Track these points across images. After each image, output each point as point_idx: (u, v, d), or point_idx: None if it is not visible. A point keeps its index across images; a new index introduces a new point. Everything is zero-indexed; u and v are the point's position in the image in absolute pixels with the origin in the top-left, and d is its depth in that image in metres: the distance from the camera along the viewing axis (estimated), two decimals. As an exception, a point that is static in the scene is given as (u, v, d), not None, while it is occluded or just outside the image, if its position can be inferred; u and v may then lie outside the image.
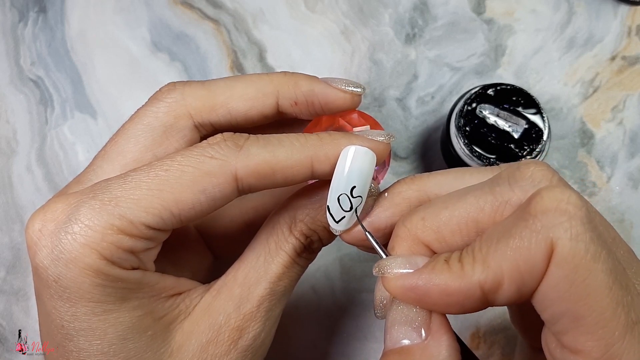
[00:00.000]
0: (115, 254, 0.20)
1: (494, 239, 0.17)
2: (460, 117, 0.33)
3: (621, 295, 0.16)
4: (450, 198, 0.20)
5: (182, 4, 0.42)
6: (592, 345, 0.16)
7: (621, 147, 0.39)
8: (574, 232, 0.16)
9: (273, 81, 0.24)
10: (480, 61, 0.40)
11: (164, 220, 0.21)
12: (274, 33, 0.41)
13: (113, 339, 0.21)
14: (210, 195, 0.21)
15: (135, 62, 0.41)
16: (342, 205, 0.21)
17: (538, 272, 0.16)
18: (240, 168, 0.21)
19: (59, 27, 0.42)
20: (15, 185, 0.39)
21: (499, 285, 0.17)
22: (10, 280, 0.38)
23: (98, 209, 0.20)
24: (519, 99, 0.34)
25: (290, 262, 0.24)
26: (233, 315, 0.23)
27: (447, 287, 0.18)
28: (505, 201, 0.18)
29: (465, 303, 0.18)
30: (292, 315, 0.37)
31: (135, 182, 0.21)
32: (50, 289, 0.20)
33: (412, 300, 0.19)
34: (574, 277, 0.16)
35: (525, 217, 0.17)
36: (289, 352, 0.37)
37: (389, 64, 0.40)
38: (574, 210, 0.16)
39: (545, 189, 0.17)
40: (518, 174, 0.19)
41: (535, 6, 0.41)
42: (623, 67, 0.40)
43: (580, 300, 0.16)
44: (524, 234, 0.16)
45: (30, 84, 0.41)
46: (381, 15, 0.41)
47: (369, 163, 0.21)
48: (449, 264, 0.18)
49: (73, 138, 0.40)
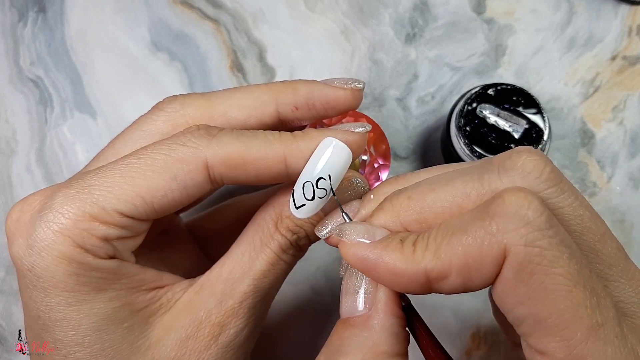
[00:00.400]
0: (88, 242, 0.20)
1: (449, 231, 0.18)
2: (460, 117, 0.33)
3: (584, 298, 0.16)
4: (438, 180, 0.20)
5: (181, 4, 0.42)
6: (555, 347, 0.16)
7: (622, 147, 0.38)
8: (530, 239, 0.16)
9: (271, 89, 0.24)
10: (481, 61, 0.40)
11: (137, 207, 0.21)
12: (273, 33, 0.41)
13: (87, 330, 0.21)
14: (181, 183, 0.21)
15: (135, 62, 0.41)
16: (305, 192, 0.21)
17: (486, 273, 0.17)
18: (211, 156, 0.21)
19: (58, 27, 0.42)
20: (14, 185, 0.39)
21: (445, 277, 0.17)
22: (10, 281, 0.38)
23: (71, 197, 0.20)
24: (519, 98, 0.33)
25: (276, 259, 0.23)
26: (214, 311, 0.23)
27: (394, 267, 0.18)
28: (492, 190, 0.18)
29: (409, 285, 0.18)
30: (292, 315, 0.37)
31: (109, 171, 0.21)
32: (26, 278, 0.20)
33: (361, 269, 0.19)
34: (530, 281, 0.16)
35: (483, 217, 0.17)
36: (289, 352, 0.37)
37: (389, 64, 0.40)
38: (533, 217, 0.16)
39: (508, 192, 0.17)
40: (509, 163, 0.19)
41: (536, 6, 0.41)
42: (623, 67, 0.40)
43: (539, 304, 0.16)
44: (478, 233, 0.17)
45: (30, 83, 0.41)
46: (381, 15, 0.41)
47: (339, 155, 0.21)
48: (402, 245, 0.18)
49: (73, 138, 0.40)
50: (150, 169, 0.21)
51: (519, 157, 0.19)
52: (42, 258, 0.20)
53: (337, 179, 0.21)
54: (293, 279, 0.38)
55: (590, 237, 0.18)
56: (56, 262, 0.20)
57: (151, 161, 0.21)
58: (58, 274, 0.20)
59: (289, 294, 0.37)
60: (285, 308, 0.37)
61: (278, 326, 0.37)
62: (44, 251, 0.20)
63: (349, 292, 0.20)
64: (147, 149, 0.21)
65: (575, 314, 0.16)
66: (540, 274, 0.16)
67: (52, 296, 0.20)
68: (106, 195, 0.20)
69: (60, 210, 0.20)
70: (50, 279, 0.20)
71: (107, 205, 0.20)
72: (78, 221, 0.20)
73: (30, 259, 0.20)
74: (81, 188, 0.20)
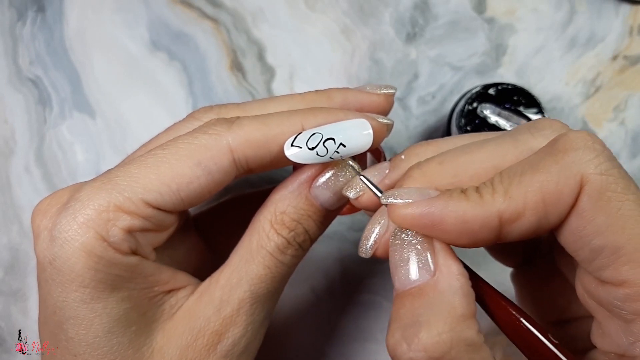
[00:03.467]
0: (112, 233, 0.20)
1: (517, 173, 0.18)
2: (461, 117, 0.33)
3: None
4: (470, 145, 0.20)
5: (181, 3, 0.42)
6: (635, 273, 0.16)
7: (623, 147, 0.38)
8: (604, 167, 0.17)
9: (305, 98, 0.24)
10: (482, 60, 0.40)
11: (163, 196, 0.21)
12: (273, 32, 0.41)
13: (98, 331, 0.20)
14: (206, 169, 0.21)
15: (134, 62, 0.41)
16: (310, 140, 0.21)
17: (564, 205, 0.17)
18: (233, 139, 0.21)
19: (57, 26, 0.42)
20: (13, 186, 0.39)
21: (518, 216, 0.17)
22: (9, 281, 0.38)
23: (97, 189, 0.20)
24: (520, 98, 0.33)
25: (273, 261, 0.23)
26: (212, 319, 0.22)
27: (464, 214, 0.18)
28: (528, 148, 0.19)
29: (479, 233, 0.18)
30: (291, 315, 0.37)
31: (135, 163, 0.21)
32: (46, 272, 0.20)
33: (422, 228, 0.18)
34: (609, 208, 0.17)
35: (554, 153, 0.17)
36: (289, 352, 0.36)
37: (389, 63, 0.40)
38: (602, 148, 0.17)
39: (571, 131, 0.18)
40: (538, 124, 0.20)
41: (537, 5, 0.41)
42: (625, 66, 0.40)
43: (617, 231, 0.16)
44: (552, 168, 0.17)
45: (29, 83, 0.41)
46: (381, 14, 0.41)
47: (362, 138, 0.21)
48: (466, 194, 0.18)
49: (72, 138, 0.40)
50: (175, 157, 0.21)
51: (545, 120, 0.20)
52: (64, 250, 0.19)
53: (349, 153, 0.21)
54: (293, 279, 0.38)
55: None
56: (77, 254, 0.19)
57: (175, 150, 0.21)
58: (77, 268, 0.20)
59: (289, 294, 0.37)
60: (284, 309, 0.37)
61: (278, 326, 0.37)
62: (66, 242, 0.19)
63: (402, 263, 0.19)
64: (171, 140, 0.21)
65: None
66: (616, 201, 0.16)
67: (68, 291, 0.20)
68: (132, 185, 0.20)
69: (86, 201, 0.20)
70: (69, 273, 0.20)
71: (133, 194, 0.20)
72: (103, 212, 0.20)
73: (52, 250, 0.20)
74: (107, 180, 0.20)
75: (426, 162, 0.20)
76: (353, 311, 0.36)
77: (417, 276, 0.19)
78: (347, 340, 0.36)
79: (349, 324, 0.36)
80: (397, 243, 0.19)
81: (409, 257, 0.19)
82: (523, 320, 0.19)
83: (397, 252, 0.19)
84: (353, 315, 0.36)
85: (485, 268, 0.35)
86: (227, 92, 0.40)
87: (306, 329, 0.37)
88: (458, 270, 0.19)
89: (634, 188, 0.17)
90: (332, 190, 0.22)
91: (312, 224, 0.23)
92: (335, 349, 0.36)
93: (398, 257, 0.19)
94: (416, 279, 0.19)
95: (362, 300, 0.37)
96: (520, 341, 0.19)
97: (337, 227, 0.38)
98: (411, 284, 0.19)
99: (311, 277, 0.37)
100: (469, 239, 0.18)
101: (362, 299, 0.37)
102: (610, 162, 0.17)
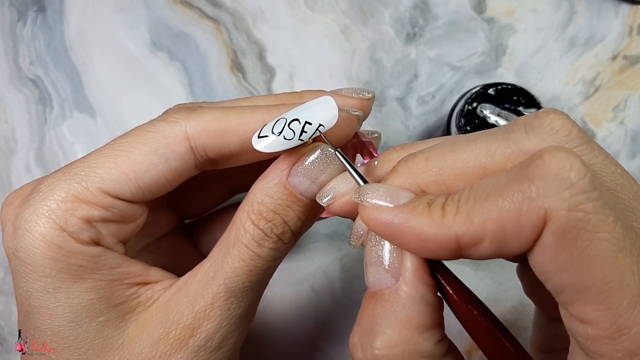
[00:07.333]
0: (70, 223, 0.20)
1: (482, 194, 0.16)
2: (461, 117, 0.33)
3: (630, 264, 0.15)
4: (458, 141, 0.19)
5: (181, 3, 0.42)
6: (599, 316, 0.15)
7: (622, 147, 0.38)
8: (573, 202, 0.15)
9: (279, 99, 0.24)
10: (481, 60, 0.40)
11: (121, 185, 0.21)
12: (273, 32, 0.41)
13: (62, 320, 0.20)
14: (163, 156, 0.21)
15: (134, 62, 0.41)
16: (275, 126, 0.20)
17: (524, 239, 0.16)
18: (191, 127, 0.21)
19: (57, 26, 0.42)
20: (14, 185, 0.39)
21: (478, 242, 0.16)
22: (10, 281, 0.38)
23: (57, 179, 0.20)
24: (519, 98, 0.33)
25: (249, 254, 0.22)
26: (185, 313, 0.22)
27: (422, 233, 0.17)
28: (519, 149, 0.17)
29: (438, 252, 0.17)
30: (291, 315, 0.37)
31: (95, 154, 0.21)
32: (12, 263, 0.21)
33: (384, 235, 0.18)
34: (573, 248, 0.15)
35: (522, 179, 0.16)
36: (289, 352, 0.37)
37: (389, 64, 0.40)
38: (576, 179, 0.15)
39: (548, 152, 0.16)
40: (536, 122, 0.18)
41: (536, 5, 0.41)
42: (624, 66, 0.40)
43: (582, 271, 0.15)
44: (516, 197, 0.15)
45: (29, 83, 0.41)
46: (381, 14, 0.41)
47: (325, 112, 0.20)
48: (430, 209, 0.17)
49: (72, 138, 0.40)
50: (132, 145, 0.21)
51: (546, 115, 0.18)
52: (24, 240, 0.20)
53: (315, 130, 0.20)
54: (293, 279, 0.38)
55: (625, 195, 0.17)
56: (37, 244, 0.20)
57: (132, 138, 0.21)
58: (37, 258, 0.20)
59: (289, 294, 0.37)
60: (285, 308, 0.37)
61: (278, 326, 0.37)
62: (27, 233, 0.20)
63: (373, 262, 0.19)
64: (131, 130, 0.22)
65: (621, 281, 0.15)
66: (583, 239, 0.15)
67: (31, 281, 0.20)
68: (90, 175, 0.20)
69: (46, 192, 0.20)
70: (30, 263, 0.20)
71: (91, 184, 0.20)
72: (61, 202, 0.20)
73: (15, 241, 0.20)
74: (67, 171, 0.21)
75: (413, 157, 0.19)
76: (353, 310, 0.37)
77: (384, 279, 0.18)
78: (347, 339, 0.36)
79: (350, 323, 0.36)
80: (373, 240, 0.19)
81: (381, 256, 0.19)
82: (482, 320, 0.18)
83: (373, 248, 0.19)
84: (353, 314, 0.36)
85: (485, 267, 0.35)
86: (227, 92, 0.40)
87: (306, 328, 0.37)
88: (422, 278, 0.18)
89: (610, 223, 0.15)
90: (310, 178, 0.21)
91: (291, 215, 0.22)
92: (336, 348, 0.36)
93: (372, 254, 0.19)
94: (383, 281, 0.18)
95: (362, 300, 0.37)
96: (483, 346, 0.19)
97: (337, 226, 0.38)
98: (377, 286, 0.19)
99: (311, 277, 0.37)
100: (428, 254, 0.18)
101: (362, 299, 0.37)
102: (585, 194, 0.15)
